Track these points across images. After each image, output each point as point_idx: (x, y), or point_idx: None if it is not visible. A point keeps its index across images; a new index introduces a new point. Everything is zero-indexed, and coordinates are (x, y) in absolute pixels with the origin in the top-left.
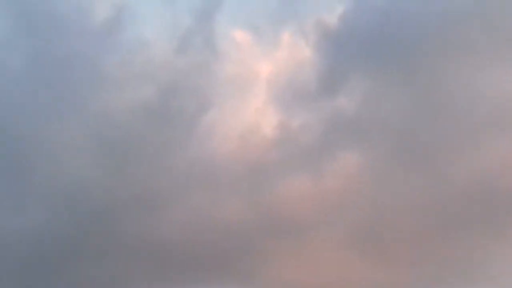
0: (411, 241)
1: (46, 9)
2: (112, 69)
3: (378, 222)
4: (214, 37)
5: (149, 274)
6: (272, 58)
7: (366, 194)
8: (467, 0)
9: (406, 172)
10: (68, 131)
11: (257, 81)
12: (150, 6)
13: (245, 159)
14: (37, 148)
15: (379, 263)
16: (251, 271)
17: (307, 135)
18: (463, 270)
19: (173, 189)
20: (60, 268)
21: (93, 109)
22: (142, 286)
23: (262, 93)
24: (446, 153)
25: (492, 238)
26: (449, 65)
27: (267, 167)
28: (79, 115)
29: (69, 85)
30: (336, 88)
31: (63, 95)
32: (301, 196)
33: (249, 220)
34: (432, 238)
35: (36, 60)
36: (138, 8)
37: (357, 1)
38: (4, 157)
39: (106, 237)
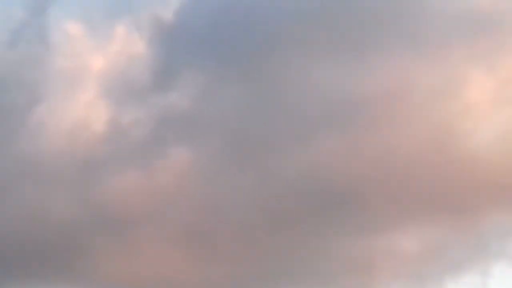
0: (241, 238)
1: None
2: None
3: (208, 219)
4: (46, 30)
5: None
6: (104, 52)
7: (197, 191)
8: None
9: (238, 169)
10: None
11: (88, 75)
12: None
13: (75, 155)
14: None
15: (209, 260)
16: (79, 267)
17: (138, 131)
18: (291, 266)
19: (1, 184)
20: None
21: None
22: None
23: (93, 88)
24: (278, 150)
25: (320, 235)
26: (282, 64)
27: (97, 163)
28: None
29: None
30: (169, 83)
31: None
32: (131, 192)
33: (79, 216)
34: (262, 235)
35: None
36: None
37: None
38: None
39: None
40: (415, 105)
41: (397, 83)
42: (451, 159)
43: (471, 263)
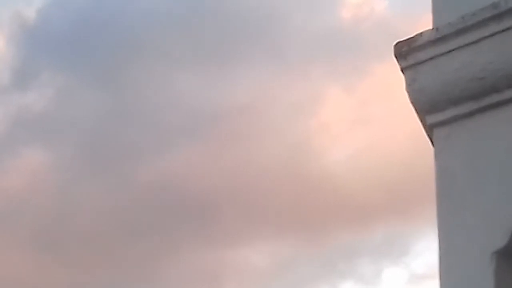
0: (91, 245)
1: None
2: None
3: (60, 224)
4: None
5: None
6: None
7: (50, 194)
8: (169, 5)
9: (93, 175)
10: None
11: None
12: None
13: None
14: None
15: (58, 266)
16: None
17: None
18: (141, 277)
19: None
20: None
21: None
22: None
23: None
24: (134, 157)
25: (172, 246)
26: (144, 71)
27: None
28: None
29: None
30: (27, 83)
31: None
32: None
33: None
34: (113, 243)
35: None
36: None
37: None
38: None
39: None
40: (273, 120)
41: (257, 97)
42: (304, 176)
43: (318, 281)
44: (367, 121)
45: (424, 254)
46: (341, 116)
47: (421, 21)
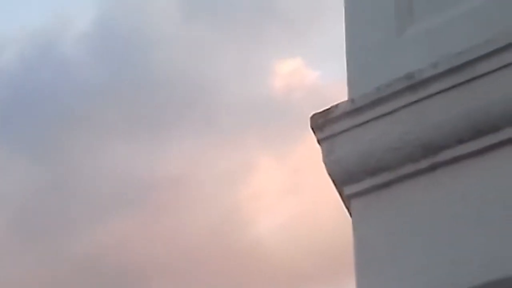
0: None
1: None
2: None
3: None
4: None
5: None
6: None
7: None
8: (101, 75)
9: (25, 249)
10: None
11: None
12: None
13: None
14: None
15: None
16: None
17: None
18: None
19: None
20: None
21: None
22: None
23: None
24: (67, 228)
25: None
26: (77, 140)
27: None
28: None
29: None
30: None
31: None
32: None
33: None
34: None
35: None
36: None
37: None
38: None
39: None
40: (205, 190)
41: (188, 166)
42: (234, 245)
43: None
44: (298, 189)
45: None
46: (272, 185)
47: None
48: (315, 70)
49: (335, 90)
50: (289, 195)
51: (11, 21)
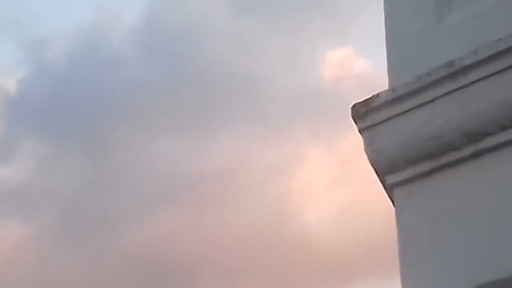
0: None
1: None
2: None
3: None
4: None
5: None
6: None
7: (29, 266)
8: (147, 72)
9: (73, 244)
10: None
11: None
12: None
13: None
14: None
15: None
16: None
17: None
18: None
19: None
20: None
21: None
22: None
23: None
24: (115, 224)
25: None
26: (124, 137)
27: None
28: None
29: None
30: (7, 156)
31: None
32: None
33: None
34: None
35: None
36: None
37: (37, 66)
38: None
39: None
40: (253, 182)
41: (236, 160)
42: (284, 237)
43: None
44: (347, 180)
45: None
46: (321, 176)
47: None
48: (367, 59)
49: (385, 79)
50: (338, 186)
51: (59, 17)
